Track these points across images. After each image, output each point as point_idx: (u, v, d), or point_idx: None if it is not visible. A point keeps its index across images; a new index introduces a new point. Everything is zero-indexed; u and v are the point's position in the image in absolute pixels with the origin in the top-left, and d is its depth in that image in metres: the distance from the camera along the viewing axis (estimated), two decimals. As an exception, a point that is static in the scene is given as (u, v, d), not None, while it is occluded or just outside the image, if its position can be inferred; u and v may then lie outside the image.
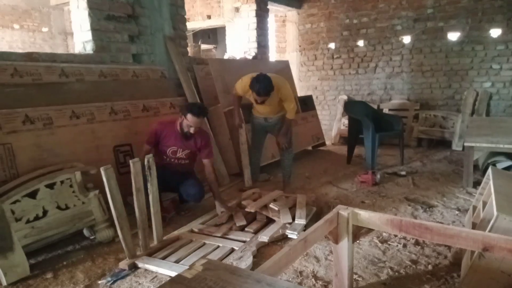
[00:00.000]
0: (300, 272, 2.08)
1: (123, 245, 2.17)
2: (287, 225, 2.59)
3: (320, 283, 1.97)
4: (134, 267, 2.18)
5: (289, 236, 2.48)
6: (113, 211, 2.09)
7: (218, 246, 2.35)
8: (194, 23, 6.49)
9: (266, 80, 3.11)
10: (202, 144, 2.94)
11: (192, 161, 3.07)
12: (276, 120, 3.54)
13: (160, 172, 2.37)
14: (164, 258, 2.22)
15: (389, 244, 2.39)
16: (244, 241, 2.40)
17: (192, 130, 2.80)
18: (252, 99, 3.35)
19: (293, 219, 2.67)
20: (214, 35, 10.44)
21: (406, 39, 5.68)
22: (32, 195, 2.22)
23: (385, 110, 5.87)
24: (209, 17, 6.30)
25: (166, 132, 2.88)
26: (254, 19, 5.42)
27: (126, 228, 2.15)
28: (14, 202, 2.14)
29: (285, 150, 3.58)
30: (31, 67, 2.75)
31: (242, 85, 3.33)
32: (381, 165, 4.49)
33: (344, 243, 1.75)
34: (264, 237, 2.42)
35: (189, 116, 2.75)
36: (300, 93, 6.56)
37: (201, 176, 3.18)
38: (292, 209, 2.85)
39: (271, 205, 2.80)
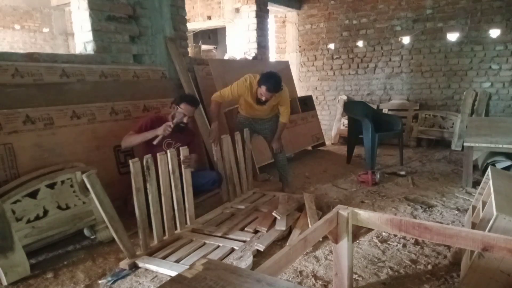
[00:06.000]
0: (300, 272, 2.09)
1: (121, 246, 2.18)
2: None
3: (320, 282, 1.98)
4: (134, 267, 2.18)
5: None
6: (104, 215, 2.09)
7: (218, 246, 2.36)
8: (195, 24, 6.49)
9: (278, 77, 3.11)
10: (189, 139, 3.03)
11: None
12: (266, 122, 3.53)
13: None
14: (164, 257, 2.23)
15: (389, 244, 2.39)
16: (244, 241, 2.41)
17: (185, 120, 2.89)
18: (249, 99, 3.29)
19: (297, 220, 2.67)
20: (215, 35, 10.45)
21: (406, 40, 5.69)
22: (33, 195, 2.23)
23: (385, 110, 5.88)
24: (209, 17, 6.31)
25: (159, 125, 2.86)
26: (254, 20, 5.43)
27: (121, 229, 2.15)
28: (15, 202, 2.15)
29: (278, 152, 3.58)
30: (32, 67, 2.75)
31: (242, 85, 3.25)
32: (380, 165, 4.50)
33: (344, 243, 1.75)
34: (260, 245, 2.33)
35: (183, 105, 2.87)
36: (300, 93, 6.57)
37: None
38: (295, 212, 2.84)
39: (273, 213, 2.75)
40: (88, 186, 2.02)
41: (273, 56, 6.91)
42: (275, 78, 3.09)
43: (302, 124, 5.23)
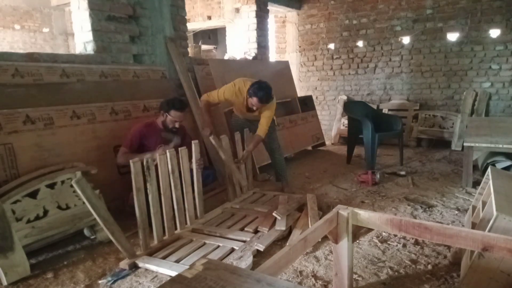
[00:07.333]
0: (300, 272, 2.09)
1: (119, 247, 2.17)
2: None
3: (320, 282, 1.98)
4: (134, 267, 2.18)
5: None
6: (98, 219, 2.08)
7: (218, 246, 2.36)
8: (195, 24, 6.49)
9: (269, 88, 3.09)
10: (183, 137, 3.02)
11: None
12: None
13: None
14: (164, 257, 2.23)
15: (389, 244, 2.39)
16: (244, 241, 2.41)
17: (177, 125, 2.91)
18: (239, 103, 3.29)
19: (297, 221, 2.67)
20: (215, 35, 10.45)
21: (406, 40, 5.69)
22: (33, 195, 2.23)
23: (385, 110, 5.88)
24: (209, 17, 6.31)
25: (151, 132, 2.89)
26: (254, 20, 5.43)
27: (117, 231, 2.15)
28: (15, 202, 2.15)
29: (273, 151, 3.58)
30: (32, 67, 2.75)
31: (229, 90, 3.21)
32: (380, 165, 4.50)
33: (344, 243, 1.75)
34: (260, 245, 2.34)
35: (172, 112, 2.86)
36: (300, 93, 6.57)
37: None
38: (295, 212, 2.84)
39: (274, 213, 2.76)
40: (79, 191, 1.99)
41: (273, 56, 6.91)
42: (266, 90, 3.05)
43: (302, 124, 5.23)
